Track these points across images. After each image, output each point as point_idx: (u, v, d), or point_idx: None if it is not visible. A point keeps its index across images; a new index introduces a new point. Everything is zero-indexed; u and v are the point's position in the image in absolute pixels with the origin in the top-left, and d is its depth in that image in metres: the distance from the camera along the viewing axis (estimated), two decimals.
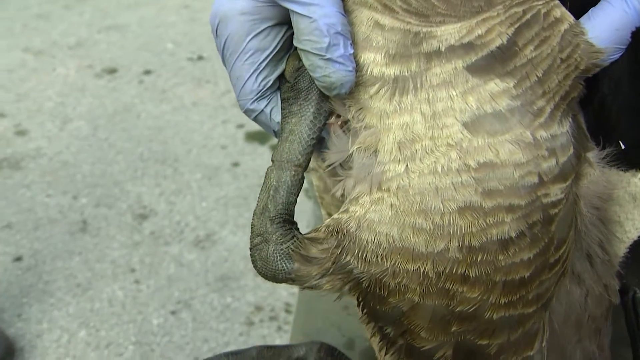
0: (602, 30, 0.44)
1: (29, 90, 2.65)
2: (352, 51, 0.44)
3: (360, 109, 0.45)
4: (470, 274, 0.43)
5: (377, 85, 0.44)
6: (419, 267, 0.44)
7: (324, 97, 0.46)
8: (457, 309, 0.45)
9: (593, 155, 0.47)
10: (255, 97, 0.47)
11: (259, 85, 0.47)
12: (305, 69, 0.45)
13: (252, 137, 2.40)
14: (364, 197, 0.45)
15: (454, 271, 0.43)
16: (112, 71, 2.79)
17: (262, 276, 0.48)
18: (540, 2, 0.43)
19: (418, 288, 0.44)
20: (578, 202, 0.47)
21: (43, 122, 2.47)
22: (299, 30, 0.44)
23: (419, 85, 0.43)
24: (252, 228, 0.47)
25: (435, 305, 0.45)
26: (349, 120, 0.46)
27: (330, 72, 0.43)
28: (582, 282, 0.50)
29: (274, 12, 0.45)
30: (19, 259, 1.86)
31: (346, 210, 0.46)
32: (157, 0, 3.38)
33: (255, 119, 0.48)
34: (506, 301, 0.45)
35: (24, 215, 2.01)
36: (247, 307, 1.71)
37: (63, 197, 2.10)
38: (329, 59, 0.43)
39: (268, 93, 0.47)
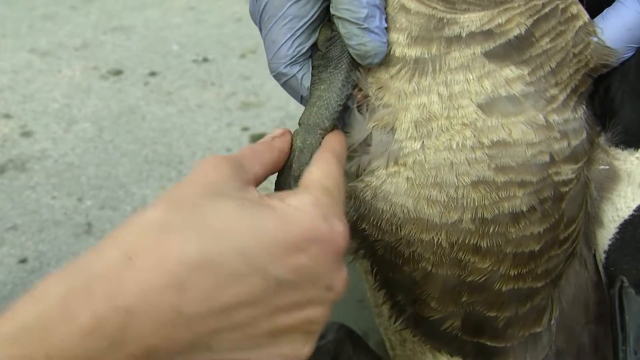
0: (615, 30, 0.46)
1: (35, 91, 2.66)
2: (386, 25, 0.46)
3: (380, 87, 0.47)
4: (482, 245, 0.45)
5: (398, 66, 0.46)
6: (432, 237, 0.46)
7: (353, 67, 0.48)
8: (468, 279, 0.47)
9: (603, 140, 0.49)
10: (289, 62, 0.49)
11: (294, 50, 0.48)
12: (337, 39, 0.48)
13: (256, 139, 2.40)
14: (380, 170, 0.47)
15: (466, 242, 0.45)
16: (117, 73, 2.80)
17: None
18: None
19: (432, 257, 0.46)
20: (589, 185, 0.49)
21: (48, 123, 2.48)
22: (337, 0, 0.46)
23: (437, 68, 0.45)
24: (275, 187, 0.49)
25: (447, 274, 0.47)
26: (368, 95, 0.49)
27: (366, 40, 0.45)
28: (588, 266, 0.52)
29: None
30: (23, 261, 1.87)
31: (361, 180, 0.48)
32: (163, 2, 3.39)
33: (284, 84, 0.51)
34: (515, 273, 0.46)
35: (29, 217, 2.03)
36: None
37: (68, 199, 2.12)
38: (365, 28, 0.45)
39: (301, 59, 0.49)
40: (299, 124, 0.49)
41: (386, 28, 0.46)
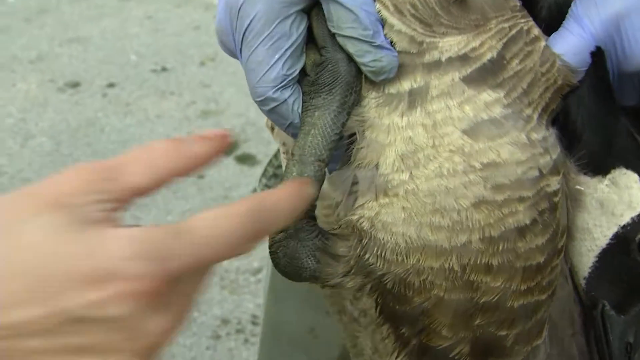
0: (563, 55, 0.47)
1: None
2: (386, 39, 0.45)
3: (365, 126, 0.46)
4: (494, 263, 0.45)
5: (394, 102, 0.45)
6: (442, 262, 0.45)
7: (348, 92, 0.46)
8: (482, 300, 0.47)
9: (572, 166, 0.50)
10: (280, 85, 0.45)
11: (285, 72, 0.45)
12: (328, 64, 0.45)
13: None
14: (370, 202, 0.46)
15: (478, 262, 0.45)
16: (74, 85, 2.77)
17: (284, 274, 0.47)
18: (522, 20, 0.47)
19: (444, 283, 0.46)
20: (566, 198, 0.50)
21: (3, 139, 2.43)
22: (339, 19, 0.44)
23: (423, 98, 0.45)
24: None
25: (459, 299, 0.46)
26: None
27: (381, 56, 0.44)
28: (568, 279, 0.53)
29: None
30: None
31: (353, 214, 0.47)
32: (120, 11, 3.36)
33: (272, 110, 0.46)
34: (525, 288, 0.47)
35: None
36: (213, 320, 1.71)
37: None
38: (378, 45, 0.44)
39: (291, 83, 0.46)
40: (292, 154, 0.45)
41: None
